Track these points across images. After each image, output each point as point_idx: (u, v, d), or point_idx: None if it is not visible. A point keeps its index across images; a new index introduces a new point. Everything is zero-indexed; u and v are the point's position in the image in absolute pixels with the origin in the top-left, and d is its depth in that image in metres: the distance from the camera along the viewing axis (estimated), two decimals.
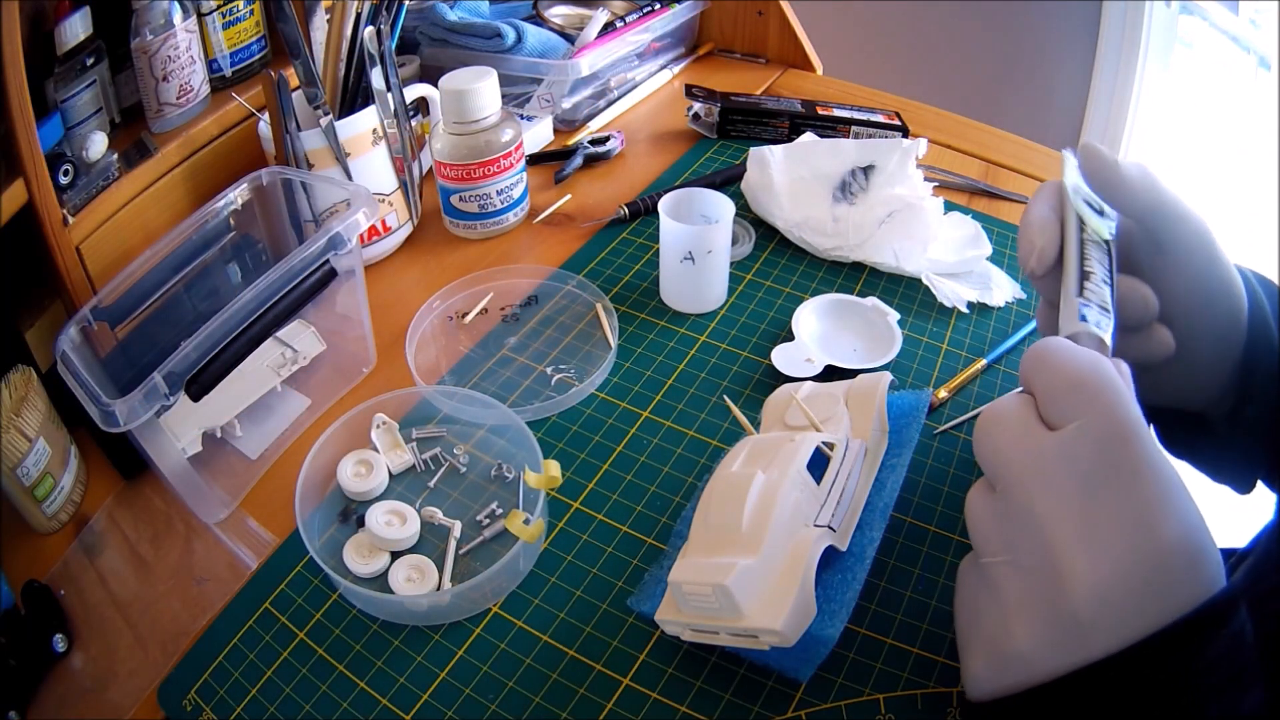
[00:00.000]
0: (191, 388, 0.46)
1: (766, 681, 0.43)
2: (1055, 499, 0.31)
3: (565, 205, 0.76)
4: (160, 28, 0.62)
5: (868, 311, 0.62)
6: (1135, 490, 0.30)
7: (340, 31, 0.65)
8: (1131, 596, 0.29)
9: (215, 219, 0.57)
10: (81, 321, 0.49)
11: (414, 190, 0.71)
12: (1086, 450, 0.31)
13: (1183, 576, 0.29)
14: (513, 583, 0.48)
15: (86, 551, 0.52)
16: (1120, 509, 0.30)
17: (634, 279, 0.68)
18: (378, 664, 0.44)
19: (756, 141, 0.83)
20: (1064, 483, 0.31)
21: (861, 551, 0.43)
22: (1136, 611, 0.29)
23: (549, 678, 0.43)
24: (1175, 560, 0.29)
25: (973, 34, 1.66)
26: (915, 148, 0.68)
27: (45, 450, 0.51)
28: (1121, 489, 0.30)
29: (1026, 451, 0.32)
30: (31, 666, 0.46)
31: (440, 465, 0.54)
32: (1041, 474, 0.31)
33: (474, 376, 0.60)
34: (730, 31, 1.01)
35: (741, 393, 0.58)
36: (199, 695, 0.43)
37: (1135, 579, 0.29)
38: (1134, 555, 0.29)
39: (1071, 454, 0.31)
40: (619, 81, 0.91)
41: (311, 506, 0.51)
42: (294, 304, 0.51)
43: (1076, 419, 0.31)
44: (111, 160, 0.61)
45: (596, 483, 0.53)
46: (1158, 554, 0.29)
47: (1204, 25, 1.53)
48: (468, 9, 0.89)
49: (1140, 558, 0.29)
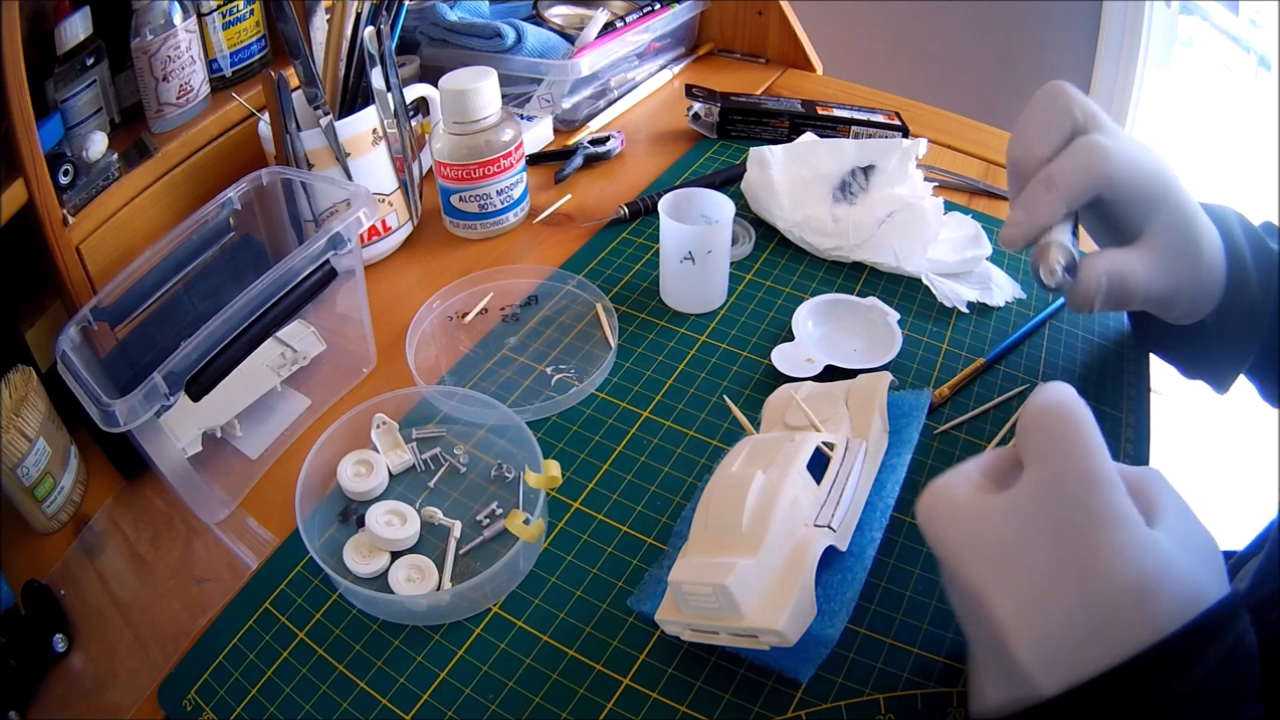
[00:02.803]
0: (191, 388, 0.46)
1: (766, 681, 0.43)
2: (987, 566, 0.31)
3: (565, 205, 0.76)
4: (160, 28, 0.62)
5: (868, 311, 0.62)
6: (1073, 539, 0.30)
7: (340, 31, 0.65)
8: (1073, 644, 0.29)
9: (215, 219, 0.57)
10: (81, 321, 0.49)
11: (414, 190, 0.71)
12: (1026, 506, 0.31)
13: (1130, 616, 0.28)
14: (513, 583, 0.48)
15: (86, 551, 0.52)
16: (1057, 560, 0.30)
17: (634, 279, 0.68)
18: (378, 664, 0.44)
19: (756, 141, 0.83)
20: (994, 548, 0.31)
21: (861, 551, 0.43)
22: (1081, 659, 0.28)
23: (549, 678, 0.43)
24: (1121, 599, 0.28)
25: (973, 34, 1.66)
26: (915, 148, 0.68)
27: (45, 450, 0.51)
28: (1059, 539, 0.30)
29: (959, 523, 0.32)
30: (31, 666, 0.46)
31: (440, 465, 0.54)
32: (974, 545, 0.31)
33: (474, 376, 0.60)
34: (730, 31, 1.01)
35: (741, 393, 0.58)
36: (199, 695, 0.43)
37: (1076, 626, 0.29)
38: (1073, 603, 0.29)
39: (1006, 517, 0.31)
40: (619, 81, 0.91)
41: (311, 506, 0.51)
42: (294, 304, 0.51)
43: (1030, 464, 0.31)
44: (111, 160, 0.61)
45: (596, 483, 0.53)
46: (1098, 596, 0.29)
47: (1204, 25, 1.53)
48: (468, 9, 0.89)
49: (1080, 604, 0.29)
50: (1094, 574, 0.29)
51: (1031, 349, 0.61)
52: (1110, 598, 0.28)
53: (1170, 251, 0.43)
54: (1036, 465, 0.31)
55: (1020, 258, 0.69)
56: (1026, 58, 1.65)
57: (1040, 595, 0.29)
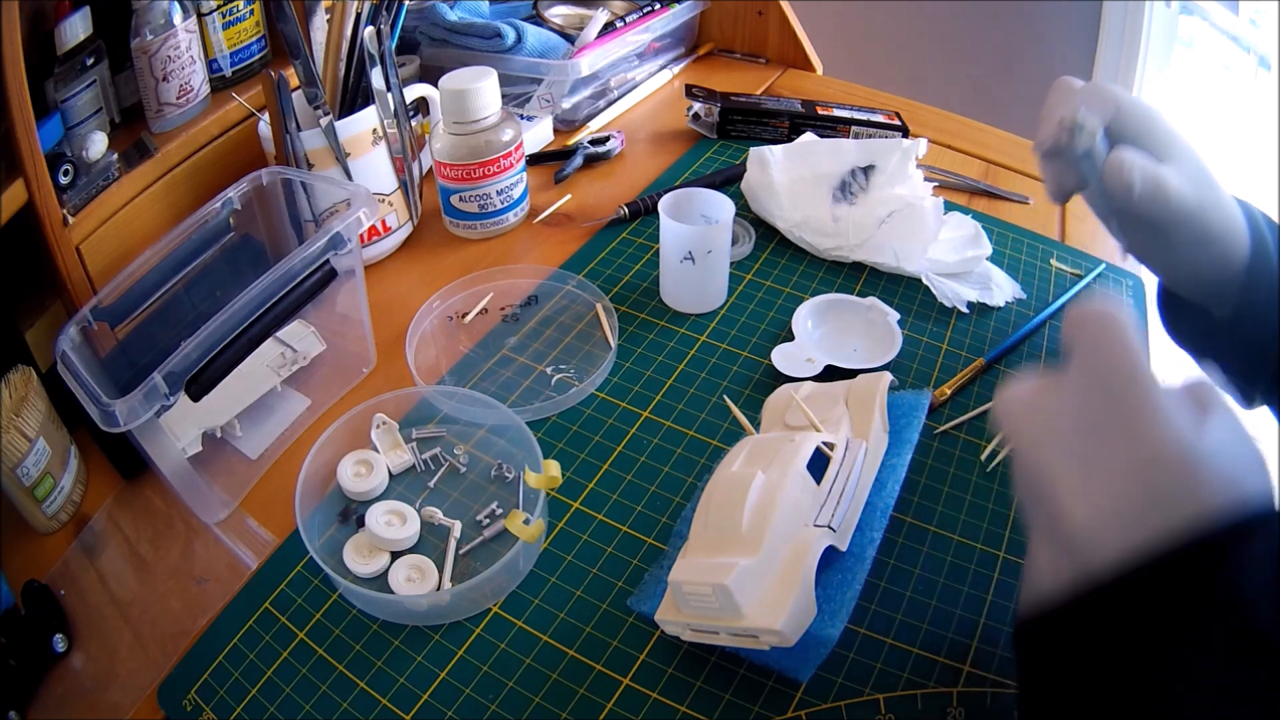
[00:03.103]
0: (191, 388, 0.46)
1: (766, 681, 0.43)
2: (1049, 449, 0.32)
3: (565, 205, 0.76)
4: (160, 28, 0.62)
5: (868, 311, 0.62)
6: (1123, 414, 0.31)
7: (340, 31, 0.65)
8: (1124, 515, 0.30)
9: (215, 219, 0.57)
10: (81, 321, 0.49)
11: (414, 190, 0.71)
12: (1079, 388, 0.32)
13: (1175, 492, 0.29)
14: (513, 583, 0.48)
15: (86, 551, 0.52)
16: (1111, 433, 0.31)
17: (634, 279, 0.68)
18: (378, 664, 0.44)
19: (756, 141, 0.83)
20: (1055, 432, 0.32)
21: (861, 551, 0.43)
22: (1132, 529, 0.29)
23: (549, 678, 0.43)
24: (1165, 474, 0.29)
25: (973, 34, 1.66)
26: (915, 148, 0.68)
27: (45, 450, 0.51)
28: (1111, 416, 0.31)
29: (1024, 414, 0.34)
30: (31, 666, 0.46)
31: (440, 465, 0.54)
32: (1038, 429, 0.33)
33: (474, 376, 0.60)
34: (730, 31, 1.01)
35: (741, 393, 0.58)
36: (199, 695, 0.43)
37: (1126, 499, 0.30)
38: (1123, 477, 0.30)
39: (1064, 398, 0.33)
40: (619, 81, 0.91)
41: (311, 506, 0.51)
42: (294, 304, 0.51)
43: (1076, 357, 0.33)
44: (111, 160, 0.61)
45: (596, 483, 0.53)
46: (1146, 468, 0.30)
47: (1204, 25, 1.53)
48: (468, 9, 0.89)
49: (1130, 473, 0.30)
50: (1139, 446, 0.30)
51: (1031, 349, 0.61)
52: (1155, 475, 0.30)
53: (1193, 170, 0.44)
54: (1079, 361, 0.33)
55: (1019, 258, 0.69)
56: (1026, 58, 1.65)
57: (1093, 471, 0.31)
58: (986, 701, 0.41)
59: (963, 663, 0.43)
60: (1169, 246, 0.46)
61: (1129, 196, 0.43)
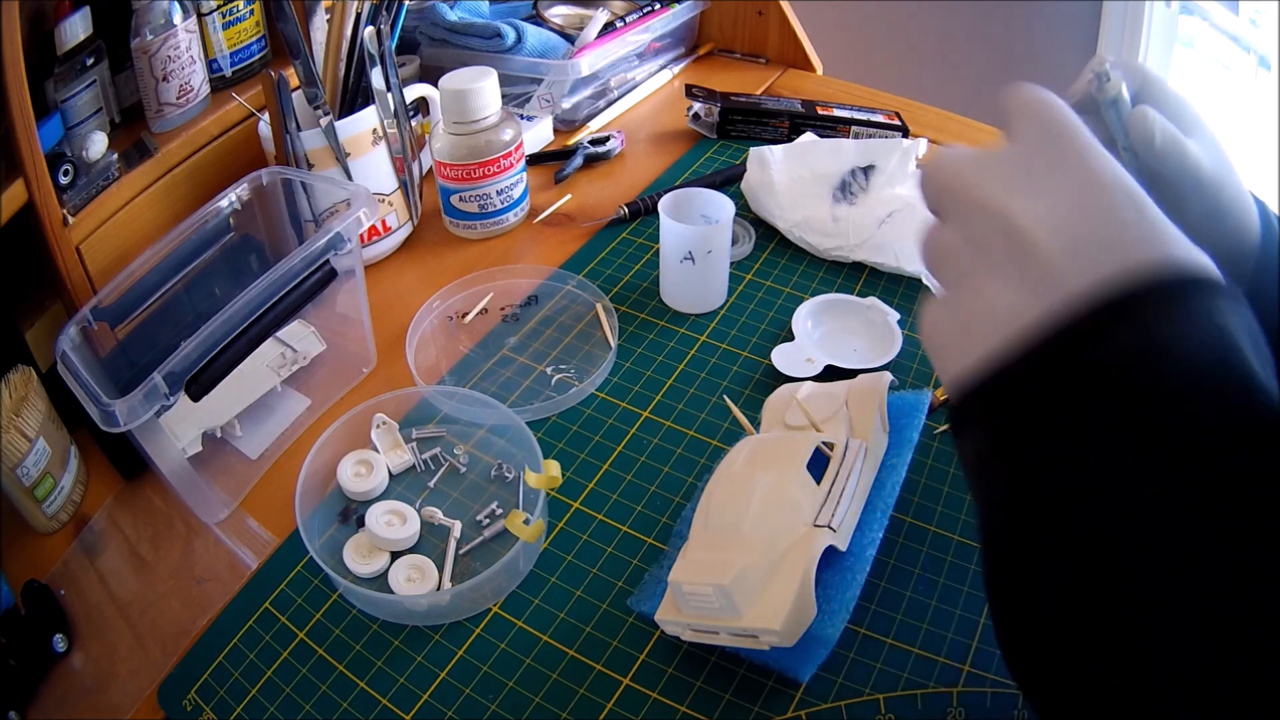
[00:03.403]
0: (191, 388, 0.46)
1: (766, 681, 0.43)
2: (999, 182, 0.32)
3: (565, 205, 0.76)
4: (160, 28, 0.62)
5: (868, 311, 0.62)
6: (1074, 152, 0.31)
7: (340, 31, 0.65)
8: (1093, 231, 0.30)
9: (215, 219, 0.57)
10: (81, 321, 0.49)
11: (414, 190, 0.71)
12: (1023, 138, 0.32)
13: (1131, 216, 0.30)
14: (513, 583, 0.48)
15: (86, 551, 0.52)
16: (1063, 170, 0.31)
17: (634, 279, 0.68)
18: (378, 664, 0.44)
19: (756, 141, 0.83)
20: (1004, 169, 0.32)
21: (861, 551, 0.43)
22: (1101, 245, 0.29)
23: (549, 678, 0.43)
24: (1130, 199, 0.30)
25: (973, 34, 1.66)
26: (915, 148, 0.68)
27: (45, 450, 0.51)
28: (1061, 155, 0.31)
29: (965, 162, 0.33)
30: (31, 666, 0.46)
31: (440, 465, 0.54)
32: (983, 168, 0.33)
33: (474, 376, 0.60)
34: (730, 31, 1.01)
35: (741, 393, 0.58)
36: (199, 695, 0.43)
37: (1097, 218, 0.30)
38: (1084, 204, 0.30)
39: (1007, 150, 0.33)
40: (619, 81, 0.91)
41: (311, 506, 0.51)
42: (294, 304, 0.51)
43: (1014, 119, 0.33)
44: (111, 160, 0.61)
45: (596, 483, 0.53)
46: (1107, 194, 0.30)
47: (1204, 25, 1.53)
48: (468, 9, 0.89)
49: (1094, 200, 0.30)
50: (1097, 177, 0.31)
51: None
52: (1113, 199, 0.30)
53: (1212, 149, 0.44)
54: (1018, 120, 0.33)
55: None
56: (1026, 58, 1.65)
57: (1055, 202, 0.31)
58: (986, 701, 0.41)
59: (963, 663, 0.43)
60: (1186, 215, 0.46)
61: (1151, 145, 0.43)
